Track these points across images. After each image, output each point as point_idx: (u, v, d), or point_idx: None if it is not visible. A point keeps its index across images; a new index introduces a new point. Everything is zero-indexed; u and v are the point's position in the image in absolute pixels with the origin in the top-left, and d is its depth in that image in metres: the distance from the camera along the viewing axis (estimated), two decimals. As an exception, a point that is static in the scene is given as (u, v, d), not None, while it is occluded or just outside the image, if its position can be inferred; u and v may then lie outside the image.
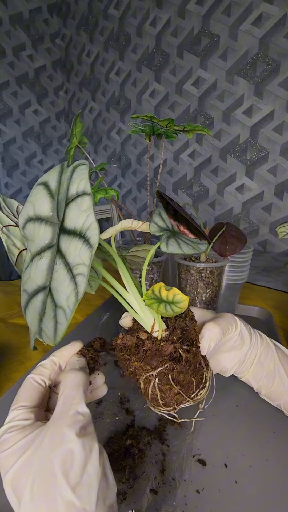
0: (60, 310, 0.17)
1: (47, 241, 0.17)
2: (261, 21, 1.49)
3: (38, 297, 0.18)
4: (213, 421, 0.39)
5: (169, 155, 2.03)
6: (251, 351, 0.35)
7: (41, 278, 0.17)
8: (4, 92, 2.28)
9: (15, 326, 0.64)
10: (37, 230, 0.17)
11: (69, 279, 0.17)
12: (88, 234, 0.16)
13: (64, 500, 0.17)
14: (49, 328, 0.18)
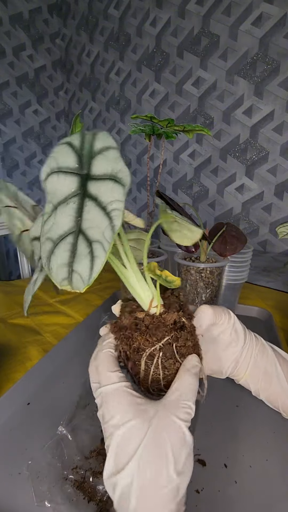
0: (97, 244, 0.17)
1: (73, 189, 0.18)
2: (261, 21, 1.49)
3: (67, 239, 0.17)
4: (213, 421, 0.39)
5: (169, 155, 2.03)
6: (246, 350, 0.35)
7: (68, 223, 0.17)
8: (4, 92, 2.28)
9: (15, 326, 0.64)
10: (61, 181, 0.18)
11: (102, 215, 0.17)
12: (119, 175, 0.18)
13: (168, 474, 0.20)
14: (83, 266, 0.18)
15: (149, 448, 0.21)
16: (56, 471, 0.31)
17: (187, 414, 0.23)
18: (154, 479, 0.20)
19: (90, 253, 0.18)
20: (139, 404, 0.23)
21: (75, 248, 0.17)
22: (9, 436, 0.37)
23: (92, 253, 0.17)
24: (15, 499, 0.29)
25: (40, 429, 0.37)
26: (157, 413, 0.23)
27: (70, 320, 0.68)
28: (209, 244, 0.54)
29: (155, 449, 0.21)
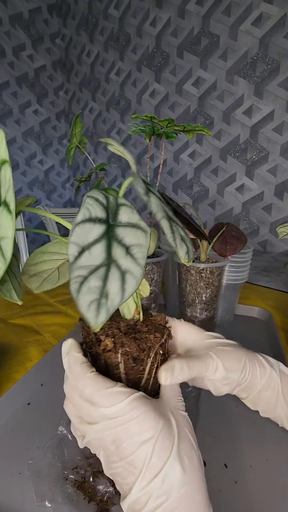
0: (128, 274, 0.21)
1: (101, 233, 0.21)
2: (261, 21, 1.49)
3: (100, 270, 0.21)
4: (213, 421, 0.39)
5: (169, 155, 2.03)
6: (244, 386, 0.31)
7: (99, 259, 0.21)
8: (4, 92, 2.28)
9: (15, 327, 0.64)
10: (90, 227, 0.21)
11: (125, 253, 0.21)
12: (140, 225, 0.22)
13: (198, 457, 0.24)
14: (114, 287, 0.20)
15: (181, 441, 0.23)
16: (57, 471, 0.31)
17: (184, 406, 0.26)
18: (192, 464, 0.23)
19: (121, 280, 0.21)
20: (157, 406, 0.24)
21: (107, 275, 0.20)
22: (10, 436, 0.37)
23: (124, 280, 0.21)
24: (16, 499, 0.29)
25: (40, 429, 0.37)
26: (171, 410, 0.25)
27: (70, 320, 0.68)
28: (209, 244, 0.54)
29: (185, 439, 0.24)
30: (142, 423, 0.22)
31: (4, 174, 0.19)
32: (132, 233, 0.22)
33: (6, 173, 0.19)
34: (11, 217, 0.18)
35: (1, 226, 0.19)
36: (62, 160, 2.72)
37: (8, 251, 0.18)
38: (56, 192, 2.76)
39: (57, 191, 2.77)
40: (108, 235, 0.21)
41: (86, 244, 0.20)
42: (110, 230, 0.22)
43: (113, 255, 0.21)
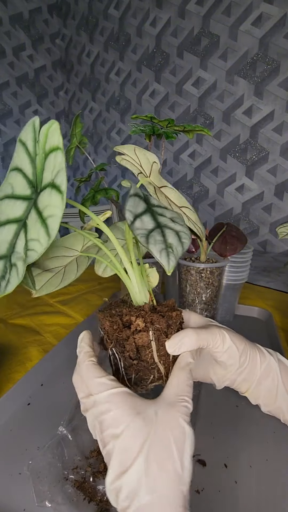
0: (181, 233, 0.25)
1: (145, 207, 0.26)
2: (261, 21, 1.49)
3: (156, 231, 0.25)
4: (213, 421, 0.39)
5: (169, 155, 2.03)
6: (246, 373, 0.31)
7: (151, 225, 0.25)
8: (4, 92, 2.28)
9: (15, 327, 0.64)
10: (138, 201, 0.26)
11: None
12: (168, 207, 0.28)
13: (175, 469, 0.21)
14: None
15: (154, 445, 0.21)
16: (57, 471, 0.31)
17: (186, 409, 0.24)
18: (163, 474, 0.21)
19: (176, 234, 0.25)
20: (139, 405, 0.24)
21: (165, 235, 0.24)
22: (10, 436, 0.37)
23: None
24: (16, 499, 0.29)
25: (40, 429, 0.37)
26: (158, 411, 0.23)
27: (70, 320, 0.68)
28: (209, 244, 0.54)
29: (161, 445, 0.22)
30: (115, 417, 0.23)
31: (55, 159, 0.20)
32: (168, 212, 0.26)
33: (56, 158, 0.20)
34: (61, 197, 0.19)
35: (50, 205, 0.20)
36: (62, 160, 2.73)
37: (54, 229, 0.19)
38: (56, 192, 2.76)
39: (57, 191, 2.78)
40: (151, 211, 0.26)
41: (137, 213, 0.24)
42: (150, 207, 0.26)
43: (162, 222, 0.25)
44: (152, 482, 0.20)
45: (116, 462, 0.22)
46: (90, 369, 0.27)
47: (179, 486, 0.21)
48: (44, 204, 0.20)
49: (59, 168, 0.20)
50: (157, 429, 0.22)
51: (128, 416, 0.23)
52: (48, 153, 0.21)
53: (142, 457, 0.21)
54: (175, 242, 0.23)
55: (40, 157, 0.22)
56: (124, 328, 0.28)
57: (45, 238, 0.19)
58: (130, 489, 0.21)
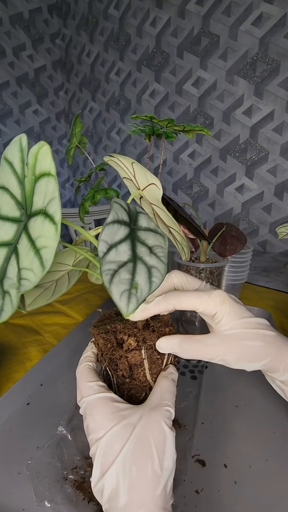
0: (154, 269, 0.23)
1: (126, 233, 0.24)
2: (261, 21, 1.49)
3: (128, 265, 0.23)
4: (212, 421, 0.39)
5: (169, 155, 2.03)
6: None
7: (126, 256, 0.23)
8: (4, 92, 2.28)
9: (15, 326, 0.64)
10: (117, 228, 0.23)
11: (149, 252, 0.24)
12: (158, 230, 0.26)
13: (154, 470, 0.22)
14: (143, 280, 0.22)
15: (133, 447, 0.22)
16: (56, 471, 0.31)
17: (168, 413, 0.25)
18: (141, 475, 0.21)
19: (148, 272, 0.22)
20: (122, 409, 0.24)
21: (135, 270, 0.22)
22: (9, 436, 0.37)
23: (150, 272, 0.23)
24: (15, 499, 0.29)
25: (40, 429, 0.37)
26: (142, 416, 0.24)
27: (70, 320, 0.68)
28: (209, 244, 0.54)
29: (140, 447, 0.22)
30: (97, 422, 0.24)
31: (47, 186, 0.20)
32: (153, 236, 0.25)
33: (49, 185, 0.19)
34: (55, 228, 0.19)
35: (44, 235, 0.19)
36: (62, 160, 2.72)
37: (49, 260, 0.19)
38: (56, 192, 2.76)
39: (57, 191, 2.77)
40: (132, 236, 0.24)
41: (114, 242, 0.22)
42: (132, 232, 0.24)
43: (138, 253, 0.23)
44: (129, 483, 0.21)
45: (98, 464, 0.22)
46: (83, 372, 0.28)
47: (158, 487, 0.21)
48: (37, 233, 0.19)
49: (51, 197, 0.19)
50: (139, 432, 0.23)
51: (109, 421, 0.23)
52: (38, 177, 0.20)
53: (120, 459, 0.22)
54: (143, 281, 0.22)
55: (30, 179, 0.21)
56: (117, 346, 0.28)
57: (39, 269, 0.19)
58: (111, 490, 0.21)
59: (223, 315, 0.28)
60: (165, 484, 0.22)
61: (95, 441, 0.23)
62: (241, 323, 0.28)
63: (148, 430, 0.23)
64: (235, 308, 0.29)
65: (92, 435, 0.24)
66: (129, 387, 0.29)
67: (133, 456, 0.22)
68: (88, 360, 0.29)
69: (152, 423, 0.24)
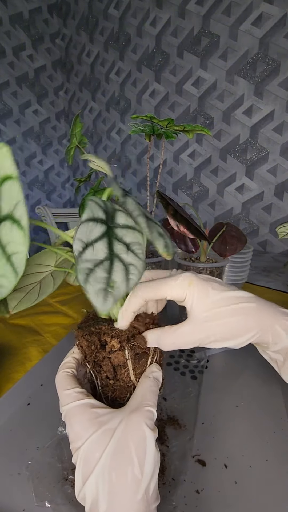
0: (132, 267, 0.22)
1: (103, 231, 0.23)
2: (261, 21, 1.48)
3: (104, 263, 0.22)
4: (213, 421, 0.39)
5: (169, 155, 2.03)
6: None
7: (102, 254, 0.22)
8: (4, 92, 2.28)
9: (15, 327, 0.64)
10: (93, 226, 0.23)
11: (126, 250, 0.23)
12: (136, 227, 0.24)
13: (133, 475, 0.21)
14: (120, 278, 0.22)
15: (112, 454, 0.22)
16: (56, 471, 0.31)
17: (149, 413, 0.24)
18: (120, 481, 0.21)
19: (124, 270, 0.22)
20: (101, 415, 0.24)
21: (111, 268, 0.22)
22: (9, 436, 0.37)
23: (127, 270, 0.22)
24: (15, 499, 0.29)
25: (40, 429, 0.37)
26: (123, 420, 0.23)
27: (70, 320, 0.68)
28: (209, 244, 0.54)
29: (118, 453, 0.22)
30: (76, 431, 0.23)
31: (9, 190, 0.19)
32: (130, 233, 0.24)
33: (11, 188, 0.19)
34: (23, 233, 0.18)
35: (13, 241, 0.19)
36: (62, 160, 2.72)
37: (20, 266, 0.18)
38: (55, 192, 2.76)
39: (57, 191, 2.77)
40: (109, 234, 0.23)
41: (90, 240, 0.22)
42: (110, 230, 0.23)
43: (115, 251, 0.22)
44: (109, 490, 0.21)
45: (79, 473, 0.22)
46: (62, 380, 0.27)
47: (139, 492, 0.21)
48: (6, 239, 0.19)
49: (17, 200, 0.18)
50: (118, 437, 0.22)
51: (88, 429, 0.23)
52: (1, 182, 0.19)
53: (100, 467, 0.21)
54: (120, 279, 0.21)
55: None
56: (100, 348, 0.28)
57: (12, 275, 0.18)
58: (92, 499, 0.21)
59: (193, 298, 0.27)
60: (146, 488, 0.21)
61: (75, 450, 0.23)
62: (214, 302, 0.27)
63: (127, 434, 0.22)
64: (205, 288, 0.27)
65: (72, 444, 0.24)
66: (113, 389, 0.28)
67: (113, 462, 0.21)
68: (67, 367, 0.29)
69: (131, 426, 0.23)
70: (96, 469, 0.21)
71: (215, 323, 0.26)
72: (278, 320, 0.27)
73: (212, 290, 0.27)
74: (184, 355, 0.53)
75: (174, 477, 0.31)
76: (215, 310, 0.26)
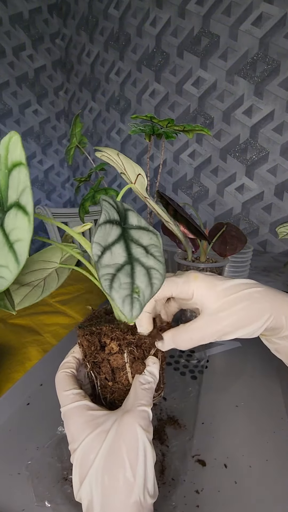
0: (153, 270, 0.22)
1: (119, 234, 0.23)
2: (261, 21, 1.48)
3: (125, 267, 0.22)
4: (213, 421, 0.39)
5: (169, 155, 2.02)
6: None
7: (122, 258, 0.22)
8: (4, 92, 2.28)
9: (15, 326, 0.64)
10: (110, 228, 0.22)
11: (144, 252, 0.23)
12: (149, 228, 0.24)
13: (125, 478, 0.21)
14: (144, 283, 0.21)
15: (105, 456, 0.22)
16: (56, 471, 0.31)
17: (143, 413, 0.24)
18: (113, 484, 0.21)
19: (147, 275, 0.22)
20: (97, 417, 0.24)
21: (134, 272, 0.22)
22: (9, 436, 0.37)
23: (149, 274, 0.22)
24: (15, 499, 0.29)
25: (40, 429, 0.37)
26: (116, 421, 0.23)
27: (70, 320, 0.68)
28: (209, 244, 0.54)
29: (111, 455, 0.22)
30: (72, 433, 0.23)
31: (18, 176, 0.19)
32: (145, 235, 0.23)
33: (20, 174, 0.19)
34: (27, 219, 0.18)
35: (17, 227, 0.18)
36: (62, 160, 2.72)
37: (23, 254, 0.18)
38: (55, 192, 2.76)
39: (57, 191, 2.77)
40: (124, 236, 0.23)
41: (107, 244, 0.21)
42: (125, 232, 0.23)
43: (134, 254, 0.22)
44: (102, 493, 0.21)
45: (76, 474, 0.22)
46: (61, 380, 0.27)
47: (132, 495, 0.20)
48: (10, 226, 0.18)
49: (23, 186, 0.18)
50: (111, 439, 0.22)
51: (83, 431, 0.23)
52: (11, 169, 0.19)
53: (93, 470, 0.21)
54: (143, 284, 0.21)
55: (3, 173, 0.20)
56: (100, 349, 0.28)
57: (14, 265, 0.18)
58: (87, 500, 0.21)
59: (201, 291, 0.27)
60: (140, 490, 0.21)
61: (72, 452, 0.23)
62: (223, 290, 0.27)
63: (120, 435, 0.22)
64: (211, 280, 0.28)
65: (69, 445, 0.24)
66: (112, 390, 0.28)
67: (106, 465, 0.21)
68: (67, 367, 0.29)
69: (124, 428, 0.23)
70: (90, 472, 0.21)
71: (228, 311, 0.26)
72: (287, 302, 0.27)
73: (218, 281, 0.27)
74: (184, 355, 0.53)
75: (174, 477, 0.31)
76: (226, 299, 0.26)
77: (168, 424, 0.37)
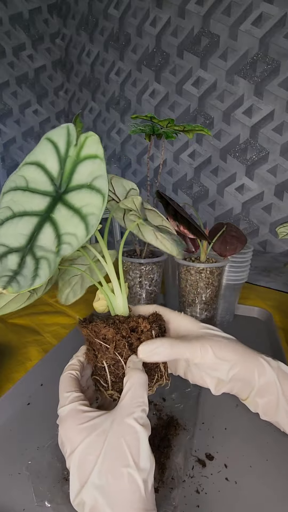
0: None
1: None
2: (261, 21, 1.48)
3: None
4: (212, 421, 0.39)
5: (169, 155, 2.03)
6: (239, 386, 0.29)
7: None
8: (4, 92, 2.28)
9: (15, 326, 0.64)
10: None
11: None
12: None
13: (128, 474, 0.21)
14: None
15: (108, 455, 0.22)
16: (56, 471, 0.31)
17: (140, 408, 0.24)
18: (118, 483, 0.21)
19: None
20: (93, 418, 0.24)
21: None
22: (9, 436, 0.37)
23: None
24: (15, 499, 0.29)
25: (40, 429, 0.37)
26: (114, 421, 0.23)
27: (70, 320, 0.68)
28: (209, 244, 0.54)
29: (114, 453, 0.22)
30: (68, 436, 0.23)
31: (93, 165, 0.22)
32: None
33: (94, 164, 0.22)
34: (102, 199, 0.21)
35: (91, 204, 0.21)
36: (62, 160, 2.73)
37: (94, 225, 0.21)
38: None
39: (57, 191, 2.78)
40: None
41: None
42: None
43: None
44: (108, 493, 0.21)
45: (75, 477, 0.22)
46: (64, 381, 0.28)
47: (137, 490, 0.21)
48: (82, 202, 0.22)
49: (99, 174, 0.22)
50: (111, 439, 0.22)
51: (78, 434, 0.23)
52: (82, 159, 0.23)
53: (96, 471, 0.21)
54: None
55: (72, 160, 0.23)
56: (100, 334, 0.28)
57: (83, 233, 0.20)
58: (92, 504, 0.21)
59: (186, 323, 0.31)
60: (143, 485, 0.21)
61: (68, 456, 0.23)
62: (201, 327, 0.31)
63: (119, 434, 0.22)
64: (192, 320, 0.32)
65: (64, 448, 0.24)
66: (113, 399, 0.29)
67: (109, 465, 0.21)
68: (71, 369, 0.29)
69: (122, 425, 0.23)
70: (93, 474, 0.21)
71: (210, 339, 0.29)
72: (259, 354, 0.29)
73: (197, 323, 0.31)
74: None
75: (174, 476, 0.31)
76: (205, 331, 0.30)
77: (168, 424, 0.37)
